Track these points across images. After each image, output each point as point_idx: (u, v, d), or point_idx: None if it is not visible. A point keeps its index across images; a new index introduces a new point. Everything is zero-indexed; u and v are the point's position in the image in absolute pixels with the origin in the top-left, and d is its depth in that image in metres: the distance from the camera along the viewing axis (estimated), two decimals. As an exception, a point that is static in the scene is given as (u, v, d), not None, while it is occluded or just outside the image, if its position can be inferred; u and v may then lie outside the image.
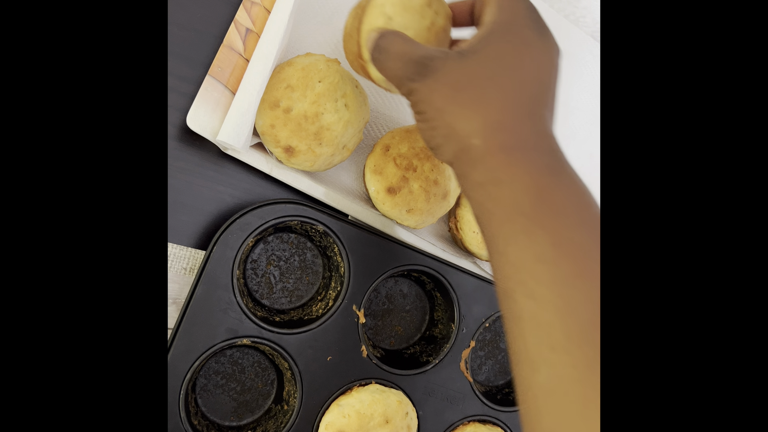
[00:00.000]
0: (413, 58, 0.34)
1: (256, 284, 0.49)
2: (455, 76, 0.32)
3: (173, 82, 0.45)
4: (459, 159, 0.33)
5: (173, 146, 0.45)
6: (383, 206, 0.49)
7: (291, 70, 0.44)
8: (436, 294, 0.54)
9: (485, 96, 0.32)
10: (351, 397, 0.48)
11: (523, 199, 0.30)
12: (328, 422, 0.47)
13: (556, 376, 0.27)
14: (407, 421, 0.50)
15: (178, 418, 0.43)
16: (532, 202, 0.30)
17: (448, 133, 0.33)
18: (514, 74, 0.32)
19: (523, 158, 0.31)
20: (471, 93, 0.32)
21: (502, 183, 0.31)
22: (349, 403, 0.48)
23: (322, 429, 0.47)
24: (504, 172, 0.31)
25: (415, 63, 0.34)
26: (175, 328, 0.43)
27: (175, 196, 0.46)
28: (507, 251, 0.30)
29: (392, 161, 0.47)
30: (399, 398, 0.49)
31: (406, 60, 0.34)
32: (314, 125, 0.44)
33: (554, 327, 0.28)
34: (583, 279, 0.28)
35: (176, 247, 0.46)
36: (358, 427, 0.47)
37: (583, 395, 0.26)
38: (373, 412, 0.47)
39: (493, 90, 0.32)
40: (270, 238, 0.49)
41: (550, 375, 0.27)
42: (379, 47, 0.36)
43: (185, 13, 0.45)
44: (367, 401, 0.48)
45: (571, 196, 0.30)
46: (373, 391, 0.49)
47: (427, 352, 0.54)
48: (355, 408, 0.47)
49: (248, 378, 0.49)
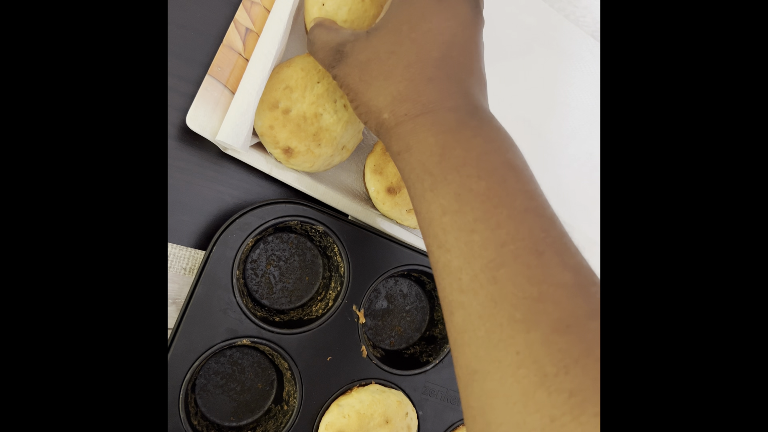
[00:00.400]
0: (332, 46, 0.38)
1: (256, 284, 0.49)
2: (363, 56, 0.36)
3: (173, 81, 0.45)
4: (379, 133, 0.36)
5: (173, 146, 0.45)
6: (383, 206, 0.49)
7: (290, 71, 0.44)
8: (436, 294, 0.54)
9: (388, 70, 0.35)
10: (351, 397, 0.48)
11: (429, 159, 0.32)
12: (328, 422, 0.47)
13: (467, 315, 0.30)
14: (407, 422, 0.50)
15: (178, 418, 0.43)
16: (436, 161, 0.32)
17: (366, 110, 0.36)
18: (413, 44, 0.35)
19: (427, 121, 0.33)
20: (376, 70, 0.35)
21: (411, 149, 0.33)
22: (349, 403, 0.48)
23: (321, 429, 0.47)
24: (412, 139, 0.33)
25: (332, 50, 0.37)
26: (175, 328, 0.43)
27: (175, 196, 0.46)
28: (421, 209, 0.33)
29: (392, 161, 0.47)
30: (399, 398, 0.49)
31: (327, 49, 0.38)
32: (313, 126, 0.44)
33: (462, 271, 0.30)
34: (484, 223, 0.30)
35: (176, 247, 0.46)
36: (358, 428, 0.47)
37: (487, 330, 0.29)
38: (373, 412, 0.47)
39: (394, 62, 0.35)
40: (270, 238, 0.49)
41: (462, 315, 0.30)
42: (309, 41, 0.40)
43: (185, 13, 0.45)
44: (367, 401, 0.48)
45: (475, 147, 0.32)
46: (373, 392, 0.49)
47: (427, 352, 0.54)
48: (355, 408, 0.47)
49: (248, 378, 0.49)
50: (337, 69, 0.37)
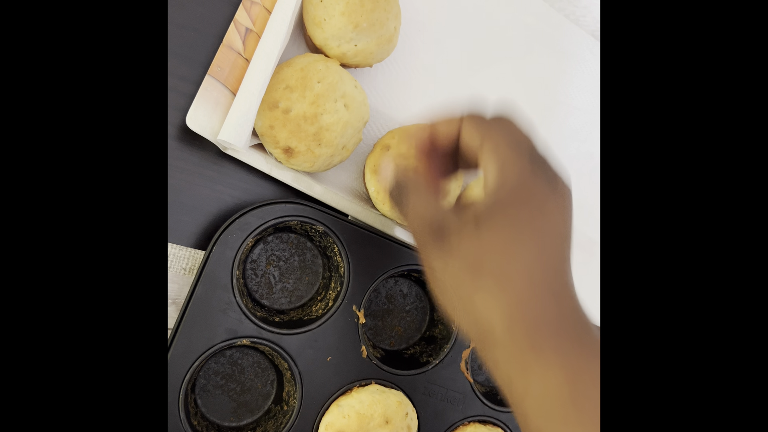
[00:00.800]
0: (429, 224, 0.31)
1: (256, 284, 0.49)
2: (473, 254, 0.30)
3: (173, 81, 0.45)
4: (479, 340, 0.31)
5: (173, 146, 0.45)
6: (383, 206, 0.49)
7: (290, 71, 0.44)
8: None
9: (505, 275, 0.29)
10: (351, 397, 0.48)
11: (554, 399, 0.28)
12: (328, 423, 0.47)
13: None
14: (407, 422, 0.49)
15: (178, 418, 0.43)
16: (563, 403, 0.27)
17: (466, 309, 0.30)
18: (533, 242, 0.29)
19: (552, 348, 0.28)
20: (490, 275, 0.29)
21: (530, 374, 0.28)
22: (349, 403, 0.48)
23: (322, 429, 0.47)
24: (533, 364, 0.28)
25: (430, 229, 0.31)
26: (175, 328, 0.43)
27: (175, 196, 0.46)
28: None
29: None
30: (399, 399, 0.49)
31: (422, 223, 0.32)
32: (313, 126, 0.44)
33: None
34: None
35: (176, 247, 0.45)
36: (358, 428, 0.47)
37: None
38: (373, 412, 0.47)
39: (514, 265, 0.29)
40: (270, 238, 0.49)
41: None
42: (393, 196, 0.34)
43: (185, 12, 0.45)
44: (367, 402, 0.48)
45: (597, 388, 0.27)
46: (373, 392, 0.49)
47: (427, 353, 0.54)
48: (354, 408, 0.47)
49: (248, 378, 0.49)
50: (434, 250, 0.31)
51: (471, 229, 0.30)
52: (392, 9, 0.46)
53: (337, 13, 0.43)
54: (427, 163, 0.36)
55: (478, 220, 0.30)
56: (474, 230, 0.30)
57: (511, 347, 0.29)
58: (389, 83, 0.53)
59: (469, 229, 0.30)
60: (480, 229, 0.30)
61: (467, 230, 0.30)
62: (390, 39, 0.47)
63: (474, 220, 0.30)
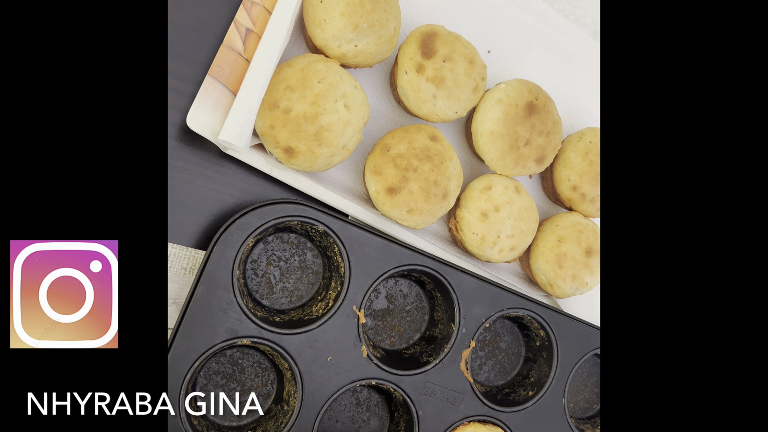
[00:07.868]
0: None
1: (256, 284, 0.49)
2: None
3: (173, 82, 0.45)
4: None
5: (173, 146, 0.45)
6: (383, 206, 0.49)
7: (290, 71, 0.44)
8: (436, 294, 0.54)
9: None
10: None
11: None
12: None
13: None
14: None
15: (178, 418, 0.43)
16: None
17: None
18: None
19: None
20: None
21: None
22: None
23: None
24: None
25: None
26: (175, 328, 0.43)
27: (175, 196, 0.46)
28: None
29: (392, 161, 0.47)
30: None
31: None
32: (314, 126, 0.44)
33: None
34: None
35: (176, 247, 0.46)
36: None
37: None
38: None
39: None
40: (270, 238, 0.49)
41: None
42: None
43: (185, 13, 0.45)
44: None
45: None
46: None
47: (427, 353, 0.54)
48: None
49: (248, 378, 0.49)
50: None
51: None
52: (392, 9, 0.46)
53: (337, 13, 0.43)
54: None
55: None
56: None
57: None
58: (389, 83, 0.53)
59: None
60: None
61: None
62: (390, 39, 0.47)
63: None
